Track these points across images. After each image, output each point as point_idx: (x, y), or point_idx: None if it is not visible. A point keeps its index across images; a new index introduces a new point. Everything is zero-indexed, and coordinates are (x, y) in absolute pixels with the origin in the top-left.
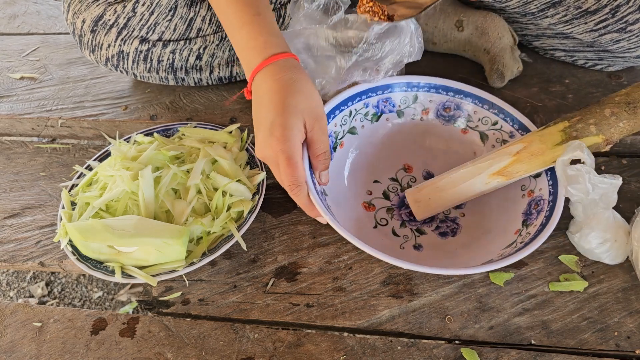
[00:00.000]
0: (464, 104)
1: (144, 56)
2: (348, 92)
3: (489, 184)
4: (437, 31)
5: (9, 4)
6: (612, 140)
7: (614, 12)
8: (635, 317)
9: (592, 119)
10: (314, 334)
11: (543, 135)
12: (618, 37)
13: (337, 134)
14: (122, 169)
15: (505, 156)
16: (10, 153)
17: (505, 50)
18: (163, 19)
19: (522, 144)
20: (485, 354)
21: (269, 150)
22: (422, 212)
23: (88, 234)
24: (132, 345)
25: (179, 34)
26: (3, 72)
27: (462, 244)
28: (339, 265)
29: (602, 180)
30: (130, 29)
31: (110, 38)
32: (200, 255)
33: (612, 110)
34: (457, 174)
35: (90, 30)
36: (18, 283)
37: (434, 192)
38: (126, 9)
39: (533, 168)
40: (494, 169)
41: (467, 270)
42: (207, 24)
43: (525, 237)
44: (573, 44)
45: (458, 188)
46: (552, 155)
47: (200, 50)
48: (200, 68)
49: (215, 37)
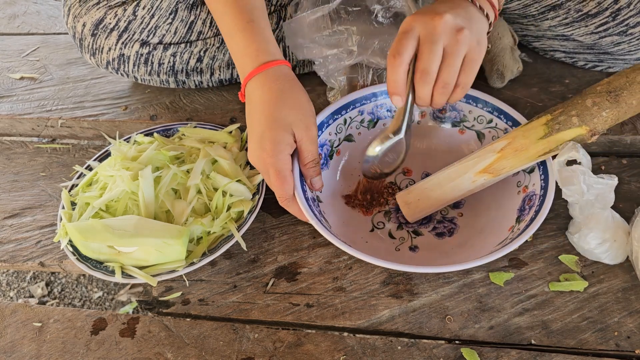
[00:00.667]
0: (458, 104)
1: (145, 59)
2: (341, 102)
3: (475, 182)
4: None
5: (9, 4)
6: (596, 130)
7: (614, 15)
8: (635, 317)
9: (574, 111)
10: (314, 334)
11: (526, 130)
12: (619, 40)
13: (333, 142)
14: (122, 169)
15: (490, 154)
16: (10, 153)
17: (505, 51)
18: (164, 22)
19: (506, 141)
20: (485, 354)
21: (259, 162)
22: (412, 214)
23: (88, 234)
24: (132, 345)
25: (180, 37)
26: (3, 72)
27: (458, 244)
28: (339, 265)
29: (598, 180)
30: (131, 32)
31: (111, 41)
32: (200, 255)
33: (593, 100)
34: (444, 174)
35: (90, 34)
36: (18, 283)
37: (422, 194)
38: (127, 12)
39: (518, 163)
40: (480, 167)
41: (442, 269)
42: (207, 26)
43: (516, 233)
44: (573, 45)
45: (445, 188)
46: (536, 150)
47: (200, 53)
48: (201, 70)
49: (215, 40)
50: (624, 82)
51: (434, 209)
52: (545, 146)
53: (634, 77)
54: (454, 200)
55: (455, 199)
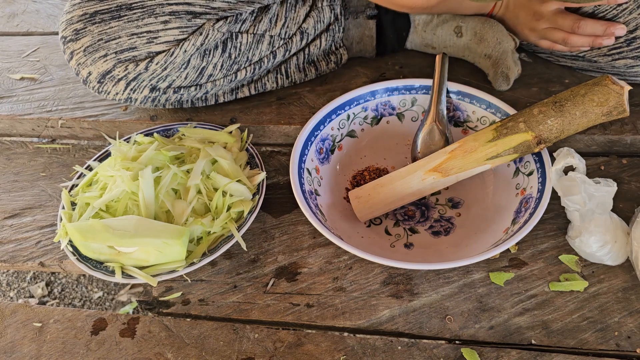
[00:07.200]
0: (462, 105)
1: (152, 99)
2: (344, 97)
3: (424, 180)
4: (436, 37)
5: (7, 3)
6: (542, 137)
7: (629, 42)
8: (635, 316)
9: (521, 118)
10: (314, 334)
11: (477, 134)
12: (633, 64)
13: (335, 137)
14: (122, 169)
15: (441, 154)
16: (11, 153)
17: (506, 54)
18: (175, 72)
19: (458, 144)
20: (486, 354)
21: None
22: (362, 209)
23: (88, 235)
24: (133, 345)
25: (190, 81)
26: (3, 73)
27: (453, 243)
28: (339, 265)
29: (598, 188)
30: (140, 81)
31: (118, 88)
32: (201, 256)
33: (540, 109)
34: (398, 170)
35: (97, 81)
36: (18, 283)
37: (373, 189)
38: (138, 67)
39: (467, 165)
40: (430, 166)
41: (434, 266)
42: (218, 69)
43: (509, 235)
44: (583, 64)
45: (395, 184)
46: (484, 152)
47: (207, 89)
48: (206, 99)
49: (225, 80)
50: (569, 94)
51: (383, 208)
52: (493, 149)
53: (578, 91)
54: (404, 199)
55: (405, 198)
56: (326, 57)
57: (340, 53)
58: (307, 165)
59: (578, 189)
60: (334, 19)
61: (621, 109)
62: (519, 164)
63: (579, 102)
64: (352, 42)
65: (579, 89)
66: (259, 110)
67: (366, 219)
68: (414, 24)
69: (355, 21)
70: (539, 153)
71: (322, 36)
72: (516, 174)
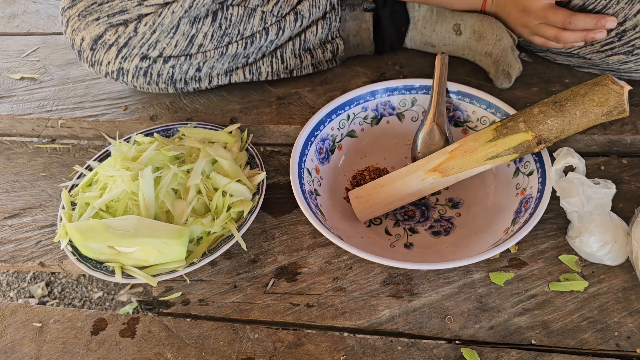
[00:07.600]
0: (462, 105)
1: (144, 72)
2: (344, 97)
3: (424, 180)
4: (435, 35)
5: (8, 3)
6: (542, 137)
7: (620, 36)
8: (635, 317)
9: (521, 118)
10: (314, 334)
11: (477, 134)
12: (625, 59)
13: (335, 137)
14: (122, 169)
15: (441, 154)
16: (10, 153)
17: (507, 51)
18: (165, 37)
19: (458, 144)
20: (486, 354)
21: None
22: (361, 209)
23: (88, 235)
24: (133, 345)
25: (180, 50)
26: (3, 73)
27: (453, 243)
28: (339, 265)
29: (597, 190)
30: (131, 47)
31: (110, 56)
32: (200, 256)
33: (540, 109)
34: (398, 170)
35: (89, 48)
36: (18, 283)
37: (373, 189)
38: (127, 29)
39: (467, 165)
40: (430, 166)
41: (434, 266)
42: (208, 39)
43: (509, 235)
44: (578, 62)
45: (396, 184)
46: (484, 152)
47: (200, 64)
48: (199, 79)
49: (215, 52)
50: (569, 94)
51: (383, 208)
52: (493, 149)
53: (578, 91)
54: (404, 199)
55: (405, 198)
56: (322, 46)
57: (336, 43)
58: (307, 165)
59: (576, 191)
60: (330, 8)
61: (621, 109)
62: (519, 164)
63: (579, 102)
64: (349, 34)
65: (579, 89)
66: (259, 110)
67: (366, 219)
68: (413, 20)
69: (353, 13)
70: (539, 153)
71: (319, 23)
72: (516, 174)
